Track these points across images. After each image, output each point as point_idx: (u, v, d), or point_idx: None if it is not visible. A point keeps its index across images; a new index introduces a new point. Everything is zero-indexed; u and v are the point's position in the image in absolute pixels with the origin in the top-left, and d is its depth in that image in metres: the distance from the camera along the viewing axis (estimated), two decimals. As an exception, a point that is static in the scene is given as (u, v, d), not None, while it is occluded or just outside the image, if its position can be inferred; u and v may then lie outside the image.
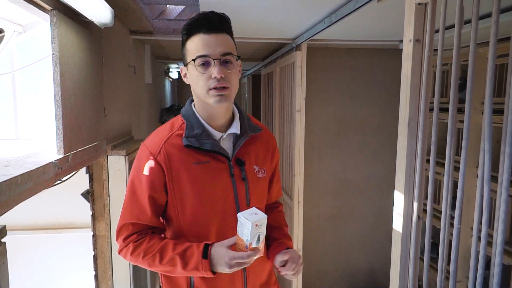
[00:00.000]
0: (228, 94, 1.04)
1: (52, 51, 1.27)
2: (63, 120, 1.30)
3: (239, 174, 1.12)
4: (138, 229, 1.10)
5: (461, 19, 1.02)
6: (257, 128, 1.19)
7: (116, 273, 2.00)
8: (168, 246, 1.05)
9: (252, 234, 0.96)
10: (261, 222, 0.97)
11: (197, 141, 1.07)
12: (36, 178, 1.10)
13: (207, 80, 1.02)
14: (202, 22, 1.02)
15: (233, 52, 1.05)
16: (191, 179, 1.07)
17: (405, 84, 1.20)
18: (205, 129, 1.10)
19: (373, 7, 1.58)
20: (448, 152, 1.05)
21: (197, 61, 1.02)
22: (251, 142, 1.17)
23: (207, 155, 1.09)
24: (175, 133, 1.10)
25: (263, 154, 1.21)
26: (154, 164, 1.06)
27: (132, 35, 2.50)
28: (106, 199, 1.93)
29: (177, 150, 1.07)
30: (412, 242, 1.21)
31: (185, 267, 1.02)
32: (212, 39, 1.02)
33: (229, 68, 1.04)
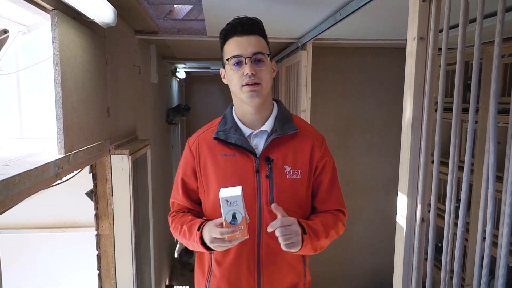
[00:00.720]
0: (260, 90, 1.12)
1: (53, 50, 1.27)
2: (64, 120, 1.31)
3: (264, 171, 1.15)
4: (178, 208, 1.26)
5: (466, 17, 0.99)
6: (293, 128, 1.19)
7: (119, 272, 2.00)
8: (186, 220, 1.18)
9: (224, 210, 0.98)
10: (233, 199, 0.97)
11: (225, 134, 1.17)
12: (35, 177, 1.10)
13: (240, 77, 1.11)
14: (235, 27, 1.12)
15: (265, 51, 1.13)
16: (215, 168, 1.17)
17: (409, 82, 1.17)
18: (236, 124, 1.19)
19: (377, 4, 1.56)
20: (452, 153, 1.02)
21: (231, 61, 1.12)
22: (286, 141, 1.18)
23: (235, 149, 1.16)
24: (211, 128, 1.23)
25: (299, 155, 1.19)
26: (189, 153, 1.22)
27: (137, 35, 2.51)
28: (109, 199, 1.93)
29: (208, 141, 1.20)
30: (415, 245, 1.18)
31: (189, 238, 1.13)
32: (244, 40, 1.12)
33: (260, 66, 1.11)
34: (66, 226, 2.61)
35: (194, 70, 5.70)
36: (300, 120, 1.27)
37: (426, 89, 1.13)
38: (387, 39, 2.62)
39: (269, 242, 1.15)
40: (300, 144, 1.20)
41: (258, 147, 1.18)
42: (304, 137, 1.21)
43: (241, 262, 1.17)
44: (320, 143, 1.23)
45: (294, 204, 1.17)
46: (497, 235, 1.48)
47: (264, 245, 1.16)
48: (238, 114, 1.21)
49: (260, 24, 1.17)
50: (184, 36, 2.53)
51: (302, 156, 1.19)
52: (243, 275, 1.17)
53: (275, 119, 1.20)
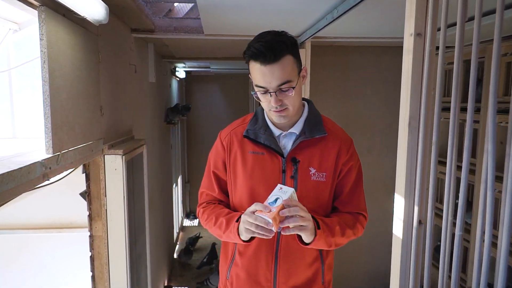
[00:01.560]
0: (287, 114, 1.15)
1: (41, 48, 1.24)
2: (52, 119, 1.27)
3: (290, 171, 1.19)
4: (209, 198, 1.31)
5: (464, 13, 0.95)
6: (321, 131, 1.20)
7: (113, 274, 1.97)
8: (223, 212, 1.21)
9: (273, 194, 1.04)
10: (285, 189, 1.04)
11: (254, 133, 1.20)
12: (20, 178, 1.07)
13: (268, 103, 1.13)
14: (257, 55, 1.07)
15: (290, 78, 1.09)
16: (244, 164, 1.21)
17: (406, 80, 1.13)
18: (266, 124, 1.23)
19: (375, 1, 1.51)
20: (450, 152, 0.98)
21: (257, 89, 1.13)
22: (313, 144, 1.21)
23: (264, 148, 1.21)
24: (243, 125, 1.27)
25: (325, 158, 1.21)
26: (220, 146, 1.27)
27: (133, 34, 2.47)
28: (103, 199, 1.90)
29: (240, 138, 1.24)
30: (413, 249, 1.14)
31: (226, 229, 1.15)
32: (268, 71, 1.07)
33: (286, 94, 1.11)
34: (63, 227, 2.59)
35: (194, 70, 5.66)
36: (329, 122, 1.29)
37: (424, 87, 1.09)
38: (387, 37, 2.58)
39: (288, 239, 1.20)
40: (327, 147, 1.22)
41: (286, 147, 1.21)
42: (332, 140, 1.23)
43: (260, 255, 1.22)
44: (347, 146, 1.24)
45: (317, 205, 1.21)
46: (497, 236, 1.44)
47: (283, 242, 1.21)
48: (269, 115, 1.23)
49: (286, 44, 1.09)
50: (181, 34, 2.49)
51: (327, 159, 1.21)
52: (261, 267, 1.23)
53: (305, 121, 1.22)
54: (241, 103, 6.34)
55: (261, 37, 1.10)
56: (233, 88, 6.49)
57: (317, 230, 1.10)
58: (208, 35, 2.49)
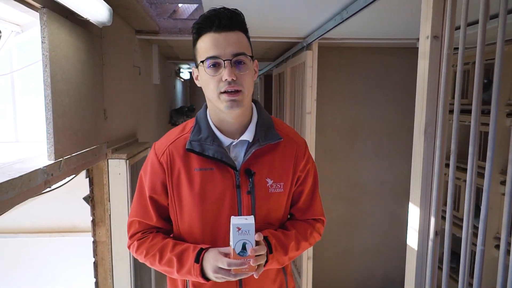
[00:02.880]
0: (241, 99, 0.96)
1: (42, 51, 1.20)
2: (54, 124, 1.24)
3: (245, 186, 1.02)
4: (143, 227, 1.08)
5: (486, 12, 0.90)
6: (276, 136, 1.05)
7: (117, 280, 1.93)
8: (168, 245, 1.02)
9: (235, 239, 0.89)
10: (245, 227, 0.88)
11: (200, 145, 1.01)
12: (20, 186, 1.03)
13: (218, 83, 0.95)
14: (212, 20, 0.94)
15: (246, 52, 0.97)
16: (190, 185, 1.01)
17: (421, 85, 1.08)
18: (213, 133, 1.03)
19: (386, 1, 1.47)
20: (471, 162, 0.93)
21: (206, 63, 0.95)
22: (268, 151, 1.06)
23: (212, 162, 1.01)
24: (183, 136, 1.05)
25: (282, 166, 1.07)
26: (157, 164, 1.04)
27: (137, 35, 2.44)
28: (106, 204, 1.87)
29: (181, 153, 1.03)
30: (428, 261, 1.09)
31: (180, 269, 0.98)
32: (222, 38, 0.94)
33: (241, 70, 0.95)
34: (66, 231, 2.56)
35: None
36: (281, 125, 1.13)
37: (441, 92, 1.03)
38: (397, 38, 2.53)
39: None
40: (283, 154, 1.07)
41: (237, 158, 1.04)
42: (287, 145, 1.08)
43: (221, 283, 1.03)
44: (303, 150, 1.11)
45: (274, 218, 1.09)
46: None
47: None
48: (214, 121, 1.05)
49: (241, 17, 0.99)
50: (185, 36, 2.45)
51: (284, 167, 1.07)
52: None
53: (256, 126, 1.05)
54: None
55: (212, 9, 0.97)
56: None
57: (269, 255, 0.97)
58: (214, 36, 2.45)
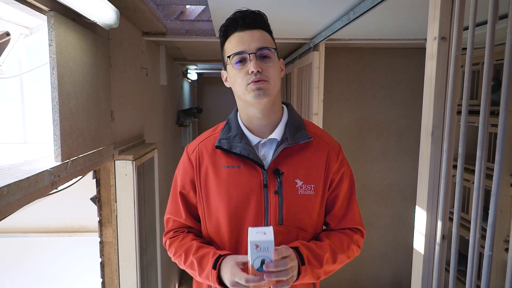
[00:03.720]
0: (267, 88, 0.98)
1: (50, 53, 1.21)
2: (61, 126, 1.25)
3: (273, 185, 1.01)
4: (176, 225, 1.12)
5: (495, 13, 0.89)
6: (305, 136, 1.04)
7: (123, 281, 1.94)
8: (192, 248, 1.03)
9: (253, 255, 0.86)
10: (264, 244, 0.85)
11: (228, 143, 1.03)
12: (27, 188, 1.04)
13: (245, 76, 0.98)
14: (236, 21, 1.00)
15: (270, 46, 1.01)
16: (217, 183, 1.03)
17: (429, 87, 1.07)
18: (242, 132, 1.05)
19: (394, 2, 1.45)
20: (479, 166, 0.92)
21: (233, 59, 0.99)
22: (297, 151, 1.04)
23: (239, 160, 1.03)
24: (213, 135, 1.09)
25: (313, 168, 1.04)
26: (187, 162, 1.08)
27: (144, 37, 2.45)
28: (113, 205, 1.88)
29: (210, 150, 1.06)
30: (435, 265, 1.08)
31: (200, 273, 0.99)
32: (247, 35, 0.99)
33: (266, 62, 0.99)
34: (74, 231, 2.59)
35: (206, 72, 5.65)
36: (313, 127, 1.12)
37: (448, 94, 1.02)
38: (405, 39, 2.50)
39: None
40: (314, 155, 1.05)
41: (266, 157, 1.04)
42: (318, 146, 1.06)
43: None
44: (336, 152, 1.08)
45: (306, 223, 1.04)
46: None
47: None
48: (243, 120, 1.07)
49: (264, 18, 1.04)
50: (192, 37, 2.46)
51: (315, 168, 1.04)
52: None
53: (286, 125, 1.06)
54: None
55: (236, 11, 1.02)
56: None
57: (301, 267, 0.93)
58: (220, 37, 2.45)
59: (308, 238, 1.05)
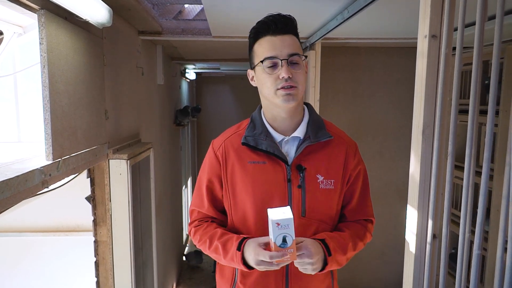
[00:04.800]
0: (295, 93, 1.05)
1: (40, 52, 1.21)
2: (52, 125, 1.25)
3: (296, 180, 1.09)
4: (200, 216, 1.19)
5: (484, 12, 0.88)
6: (326, 135, 1.12)
7: (117, 280, 1.94)
8: (216, 234, 1.10)
9: (275, 234, 0.94)
10: (284, 222, 0.93)
11: (254, 140, 1.09)
12: (16, 186, 1.04)
13: (275, 80, 1.04)
14: (268, 25, 1.05)
15: (300, 53, 1.06)
16: (244, 177, 1.10)
17: (420, 85, 1.06)
18: (266, 130, 1.12)
19: (387, 2, 1.45)
20: (468, 162, 0.91)
21: (265, 63, 1.04)
22: (319, 149, 1.12)
23: (264, 156, 1.10)
24: (238, 132, 1.16)
25: (332, 164, 1.12)
26: (213, 157, 1.14)
27: (140, 36, 2.45)
28: (107, 204, 1.88)
29: (236, 147, 1.12)
30: (426, 264, 1.08)
31: (225, 256, 1.06)
32: (279, 40, 1.04)
33: (296, 69, 1.04)
34: (70, 230, 2.58)
35: (205, 71, 5.64)
36: (332, 126, 1.20)
37: (439, 92, 1.02)
38: (400, 38, 2.50)
39: None
40: (334, 152, 1.13)
41: (289, 154, 1.11)
42: (338, 144, 1.14)
43: (269, 276, 1.11)
44: (354, 150, 1.17)
45: (326, 215, 1.13)
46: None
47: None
48: (267, 118, 1.14)
49: (294, 23, 1.09)
50: (188, 36, 2.46)
51: (335, 165, 1.12)
52: (272, 286, 1.12)
53: (307, 124, 1.13)
54: (253, 104, 6.29)
55: (269, 15, 1.08)
56: (244, 89, 6.45)
57: (328, 258, 1.02)
58: (216, 36, 2.45)
59: (328, 229, 1.13)
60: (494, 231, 2.49)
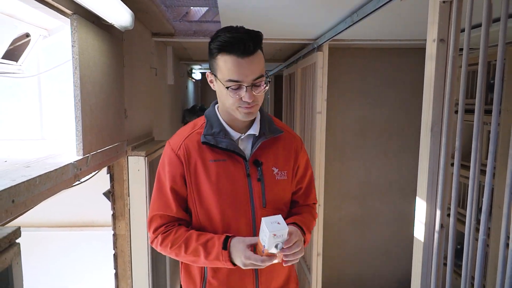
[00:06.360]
0: (255, 111, 1.11)
1: (72, 54, 1.29)
2: (83, 122, 1.33)
3: (255, 174, 1.16)
4: (166, 220, 1.17)
5: (489, 16, 0.96)
6: (277, 130, 1.21)
7: (135, 271, 2.02)
8: (192, 236, 1.12)
9: (270, 242, 0.99)
10: (280, 233, 0.99)
11: (214, 139, 1.13)
12: (55, 179, 1.13)
13: (237, 100, 1.07)
14: (236, 46, 1.01)
15: (262, 73, 1.08)
16: (207, 175, 1.13)
17: (428, 86, 1.14)
18: (224, 128, 1.16)
19: (396, 5, 1.53)
20: (474, 157, 0.99)
21: (227, 84, 1.05)
22: (271, 143, 1.20)
23: (224, 154, 1.14)
24: (195, 131, 1.17)
25: (284, 157, 1.22)
26: (175, 158, 1.14)
27: (154, 37, 2.53)
28: (126, 199, 1.96)
29: (196, 146, 1.14)
30: (434, 252, 1.16)
31: (207, 257, 1.08)
32: (246, 64, 1.03)
33: (258, 90, 1.08)
34: (85, 225, 2.67)
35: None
36: (279, 122, 1.28)
37: (446, 93, 1.10)
38: (406, 40, 2.58)
39: None
40: (285, 146, 1.23)
41: (245, 150, 1.18)
42: (287, 138, 1.24)
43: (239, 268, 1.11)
44: (300, 143, 1.28)
45: (282, 203, 1.22)
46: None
47: None
48: (224, 119, 1.18)
49: (260, 38, 1.07)
50: (200, 38, 2.54)
51: (287, 157, 1.22)
52: (241, 279, 1.17)
53: (260, 122, 1.20)
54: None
55: (233, 29, 1.05)
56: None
57: (305, 237, 1.13)
58: (227, 38, 2.53)
59: (284, 216, 1.20)
60: (496, 227, 2.56)
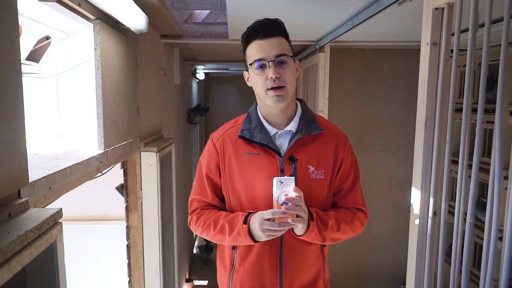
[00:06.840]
0: (285, 94, 1.13)
1: (95, 56, 1.40)
2: (104, 119, 1.44)
3: (289, 170, 1.17)
4: (201, 205, 1.26)
5: (475, 22, 1.07)
6: (317, 128, 1.20)
7: (147, 262, 2.13)
8: (221, 215, 1.19)
9: (278, 191, 1.05)
10: (287, 181, 1.06)
11: (250, 133, 1.19)
12: (82, 170, 1.23)
13: (265, 81, 1.12)
14: (257, 30, 1.13)
15: (287, 53, 1.13)
16: (240, 167, 1.19)
17: (422, 85, 1.25)
18: (261, 124, 1.21)
19: (394, 10, 1.63)
20: (462, 150, 1.10)
21: (254, 65, 1.13)
22: (310, 141, 1.20)
23: (259, 148, 1.18)
24: (236, 126, 1.25)
25: (323, 156, 1.20)
26: (212, 149, 1.24)
27: (163, 39, 2.64)
28: (138, 193, 2.07)
29: (233, 139, 1.21)
30: (428, 238, 1.26)
31: (230, 233, 1.14)
32: (266, 43, 1.12)
33: (284, 68, 1.12)
34: (97, 219, 2.78)
35: (213, 71, 5.84)
36: (324, 120, 1.29)
37: (439, 91, 1.21)
38: (404, 41, 2.68)
39: (291, 240, 1.19)
40: (324, 144, 1.21)
41: (282, 146, 1.19)
42: (328, 137, 1.22)
43: (264, 259, 1.20)
44: (343, 143, 1.24)
45: (316, 203, 1.19)
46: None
47: (287, 243, 1.20)
48: (262, 113, 1.23)
49: (281, 25, 1.16)
50: (207, 39, 2.65)
51: (325, 156, 1.20)
52: (266, 271, 1.20)
53: (300, 119, 1.22)
54: (258, 103, 6.46)
55: (255, 21, 1.16)
56: (250, 89, 6.61)
57: (310, 221, 1.10)
58: (233, 40, 2.64)
59: None
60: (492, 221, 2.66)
